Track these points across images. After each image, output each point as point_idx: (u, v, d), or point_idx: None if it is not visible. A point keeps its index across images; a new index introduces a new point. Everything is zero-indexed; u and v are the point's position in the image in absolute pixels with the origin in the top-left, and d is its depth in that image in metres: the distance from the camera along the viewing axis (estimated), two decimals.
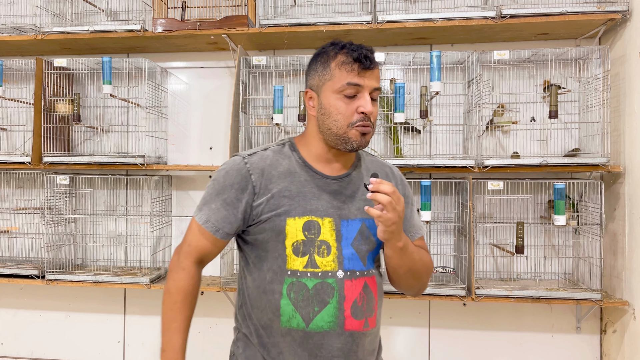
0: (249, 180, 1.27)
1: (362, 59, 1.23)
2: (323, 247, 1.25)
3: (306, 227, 1.25)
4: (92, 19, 2.62)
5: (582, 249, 2.27)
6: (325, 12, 2.47)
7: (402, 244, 1.23)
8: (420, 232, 1.40)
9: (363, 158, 1.40)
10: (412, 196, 1.42)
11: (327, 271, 1.24)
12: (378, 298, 1.31)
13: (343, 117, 1.23)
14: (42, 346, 2.68)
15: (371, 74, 1.25)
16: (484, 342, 2.41)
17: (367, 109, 1.22)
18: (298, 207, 1.26)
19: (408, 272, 1.29)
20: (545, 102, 2.34)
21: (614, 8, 2.08)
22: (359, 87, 1.23)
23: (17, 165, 2.40)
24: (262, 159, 1.30)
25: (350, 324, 1.23)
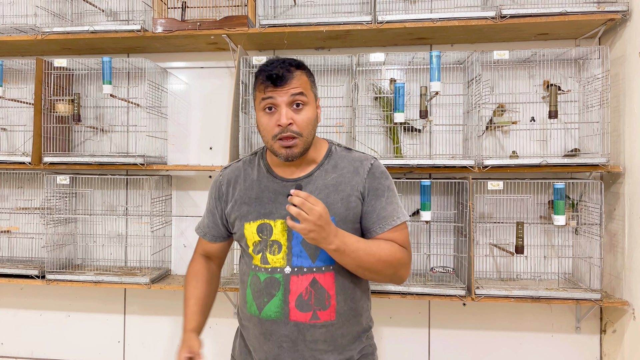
0: (221, 190, 1.52)
1: (272, 77, 1.34)
2: (275, 247, 1.40)
3: (259, 229, 1.42)
4: (92, 19, 2.63)
5: (581, 248, 2.28)
6: (325, 12, 2.47)
7: (334, 246, 1.28)
8: (390, 223, 1.40)
9: (332, 156, 1.47)
10: (387, 188, 1.43)
11: (276, 267, 1.39)
12: (336, 293, 1.38)
13: (266, 131, 1.38)
14: (42, 346, 2.68)
15: (283, 88, 1.34)
16: (484, 342, 2.42)
17: (282, 120, 1.33)
18: (253, 212, 1.43)
19: (358, 269, 1.35)
20: (545, 102, 2.34)
21: (613, 8, 2.08)
22: (273, 100, 1.35)
23: (17, 165, 2.40)
24: (233, 170, 1.53)
25: (294, 315, 1.36)
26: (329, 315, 1.37)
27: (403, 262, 1.39)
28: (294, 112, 1.36)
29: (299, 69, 1.39)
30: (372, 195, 1.41)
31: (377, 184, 1.42)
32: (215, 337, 2.58)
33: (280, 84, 1.34)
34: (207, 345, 2.58)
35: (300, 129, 1.36)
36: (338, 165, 1.45)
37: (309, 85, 1.41)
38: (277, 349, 1.39)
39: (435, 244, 2.41)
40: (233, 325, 2.57)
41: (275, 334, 1.38)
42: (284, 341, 1.38)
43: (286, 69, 1.36)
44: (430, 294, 2.14)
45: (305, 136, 1.38)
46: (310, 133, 1.39)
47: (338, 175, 1.43)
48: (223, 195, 1.51)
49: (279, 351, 1.39)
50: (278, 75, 1.34)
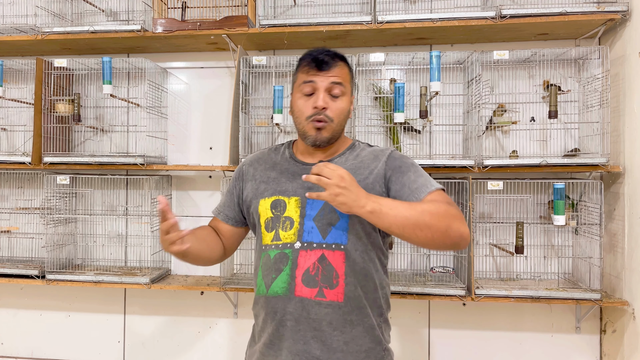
0: (242, 170, 1.57)
1: (317, 61, 1.40)
2: (287, 223, 1.40)
3: (273, 205, 1.43)
4: (92, 19, 2.63)
5: (581, 249, 2.28)
6: (325, 12, 2.47)
7: (369, 207, 1.22)
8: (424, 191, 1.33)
9: (355, 149, 1.50)
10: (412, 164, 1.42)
11: (287, 243, 1.38)
12: (346, 275, 1.34)
13: (301, 112, 1.43)
14: (42, 346, 2.68)
15: (326, 73, 1.40)
16: (484, 342, 2.42)
17: (319, 103, 1.38)
18: (270, 189, 1.46)
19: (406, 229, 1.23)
20: (545, 102, 2.34)
21: (613, 8, 2.08)
22: (314, 84, 1.41)
23: (17, 165, 2.40)
24: (257, 154, 1.59)
25: (300, 290, 1.34)
26: (336, 296, 1.33)
27: (453, 213, 1.28)
28: (330, 99, 1.41)
29: (343, 61, 1.45)
30: (397, 173, 1.39)
31: (399, 163, 1.42)
32: (215, 337, 2.58)
33: (323, 69, 1.40)
34: (207, 346, 2.58)
35: (333, 115, 1.41)
36: (359, 155, 1.48)
37: (349, 79, 1.46)
38: (282, 328, 1.35)
39: None
40: (233, 325, 2.58)
41: (280, 312, 1.35)
42: (287, 319, 1.34)
43: (331, 56, 1.42)
44: (430, 294, 2.14)
45: (336, 124, 1.42)
46: (340, 122, 1.44)
47: (358, 161, 1.45)
48: (243, 175, 1.55)
49: (283, 330, 1.35)
50: (323, 61, 1.40)
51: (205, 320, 2.58)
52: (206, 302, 2.58)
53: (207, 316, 2.58)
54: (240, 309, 2.55)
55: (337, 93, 1.41)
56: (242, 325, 2.56)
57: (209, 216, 2.56)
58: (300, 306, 1.33)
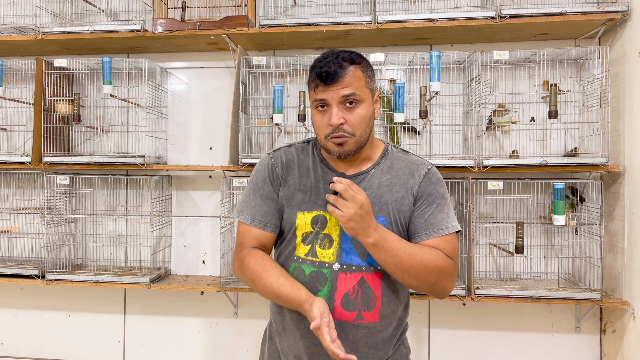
0: (275, 172, 1.41)
1: (322, 75, 1.28)
2: (325, 240, 1.34)
3: (314, 220, 1.35)
4: (92, 19, 2.63)
5: (581, 249, 2.28)
6: (325, 12, 2.47)
7: (373, 240, 1.22)
8: (438, 231, 1.32)
9: (389, 157, 1.41)
10: (442, 196, 1.36)
11: (325, 262, 1.33)
12: (382, 295, 1.33)
13: (319, 130, 1.33)
14: (42, 346, 2.68)
15: (335, 87, 1.28)
16: (484, 342, 2.42)
17: (333, 121, 1.28)
18: (309, 201, 1.36)
19: (397, 270, 1.26)
20: (545, 102, 2.34)
21: (613, 8, 2.08)
22: (325, 101, 1.30)
23: (17, 165, 2.40)
24: (285, 153, 1.44)
25: (339, 313, 1.30)
26: (373, 317, 1.33)
27: (447, 272, 1.29)
28: (346, 110, 1.29)
29: (354, 63, 1.31)
30: (425, 200, 1.35)
31: (432, 190, 1.36)
32: (215, 337, 2.58)
33: (331, 82, 1.28)
34: (207, 346, 2.58)
35: (352, 128, 1.30)
36: (394, 166, 1.39)
37: (364, 82, 1.32)
38: (314, 347, 1.33)
39: None
40: (233, 325, 2.58)
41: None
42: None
43: (339, 64, 1.28)
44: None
45: (359, 135, 1.31)
46: (364, 131, 1.32)
47: (393, 176, 1.37)
48: (278, 178, 1.41)
49: (315, 350, 1.33)
50: (329, 73, 1.27)
51: (205, 320, 2.58)
52: (206, 302, 2.58)
53: (207, 316, 2.58)
54: (240, 309, 2.55)
55: (352, 100, 1.29)
56: (242, 325, 2.56)
57: (209, 216, 2.59)
58: (339, 329, 1.29)
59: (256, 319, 2.55)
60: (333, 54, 1.32)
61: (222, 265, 2.30)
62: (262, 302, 2.54)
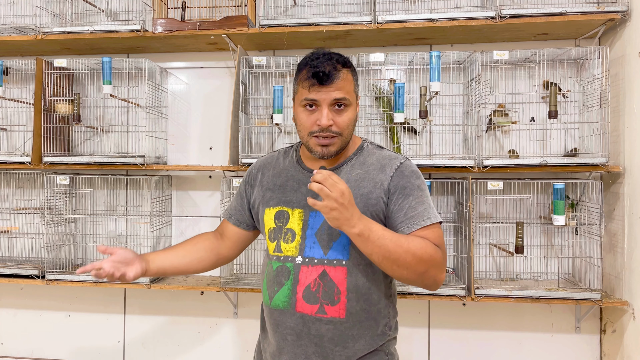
0: (251, 174, 1.54)
1: (318, 75, 1.28)
2: (289, 235, 1.38)
3: (277, 216, 1.41)
4: (92, 19, 2.63)
5: (581, 249, 2.28)
6: (325, 12, 2.47)
7: (357, 230, 1.20)
8: (419, 223, 1.30)
9: (362, 153, 1.43)
10: (418, 187, 1.35)
11: (288, 256, 1.37)
12: (348, 291, 1.32)
13: (304, 127, 1.35)
14: (42, 346, 2.68)
15: (329, 88, 1.30)
16: (484, 342, 2.42)
17: (322, 122, 1.30)
18: (275, 198, 1.43)
19: (385, 261, 1.23)
20: (545, 102, 2.34)
21: (613, 8, 2.08)
22: (316, 101, 1.31)
23: (17, 165, 2.40)
24: (267, 158, 1.55)
25: (301, 306, 1.33)
26: (338, 312, 1.32)
27: (436, 260, 1.27)
28: (335, 112, 1.32)
29: (345, 67, 1.33)
30: (400, 194, 1.33)
31: (406, 182, 1.34)
32: (215, 337, 2.58)
33: (326, 83, 1.29)
34: (207, 346, 2.58)
35: (340, 129, 1.33)
36: (366, 161, 1.40)
37: (353, 86, 1.36)
38: (282, 342, 1.36)
39: None
40: (233, 325, 2.58)
41: (282, 325, 1.36)
42: (288, 333, 1.35)
43: (333, 66, 1.30)
44: (430, 293, 2.14)
45: (345, 136, 1.34)
46: (349, 133, 1.36)
47: (363, 171, 1.38)
48: (252, 180, 1.52)
49: (284, 344, 1.36)
50: (325, 73, 1.28)
51: (205, 320, 2.58)
52: (206, 302, 2.58)
53: (207, 316, 2.58)
54: (240, 309, 2.55)
55: (342, 106, 1.32)
56: (242, 325, 2.56)
57: (208, 216, 2.59)
58: (301, 322, 1.33)
59: (256, 319, 2.55)
60: (325, 54, 1.32)
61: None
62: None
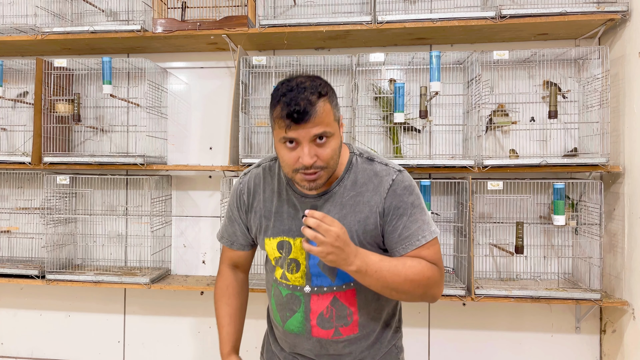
0: (242, 200, 1.44)
1: (293, 116, 1.18)
2: (293, 265, 1.36)
3: (279, 246, 1.37)
4: (92, 19, 2.63)
5: (581, 249, 2.28)
6: (325, 12, 2.47)
7: (355, 267, 1.19)
8: (414, 243, 1.29)
9: (353, 169, 1.36)
10: (411, 205, 1.31)
11: (297, 285, 1.37)
12: (359, 309, 1.36)
13: (287, 164, 1.25)
14: (42, 346, 2.69)
15: (306, 125, 1.19)
16: (484, 342, 2.42)
17: (305, 161, 1.20)
18: (273, 227, 1.38)
19: (384, 290, 1.24)
20: (545, 102, 2.34)
21: (613, 8, 2.08)
22: (296, 139, 1.21)
23: (17, 165, 2.40)
24: (253, 178, 1.45)
25: (317, 332, 1.36)
26: (352, 330, 1.36)
27: (433, 280, 1.28)
28: (317, 147, 1.22)
29: (322, 96, 1.22)
30: (394, 214, 1.30)
31: (399, 202, 1.30)
32: (215, 337, 2.58)
33: (302, 122, 1.19)
34: (207, 346, 2.58)
35: (324, 162, 1.24)
36: (358, 181, 1.34)
37: (332, 113, 1.25)
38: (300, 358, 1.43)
39: None
40: None
41: (299, 346, 1.40)
42: (307, 353, 1.40)
43: (308, 101, 1.19)
44: None
45: (331, 167, 1.26)
46: (335, 163, 1.27)
47: (357, 193, 1.33)
48: (244, 206, 1.43)
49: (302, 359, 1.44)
50: (299, 112, 1.18)
51: (205, 320, 2.58)
52: (206, 302, 2.58)
53: (207, 316, 2.58)
54: None
55: (323, 138, 1.23)
56: None
57: (208, 216, 2.59)
58: (319, 345, 1.37)
59: (256, 319, 2.55)
60: (298, 86, 1.21)
61: None
62: (262, 302, 2.53)
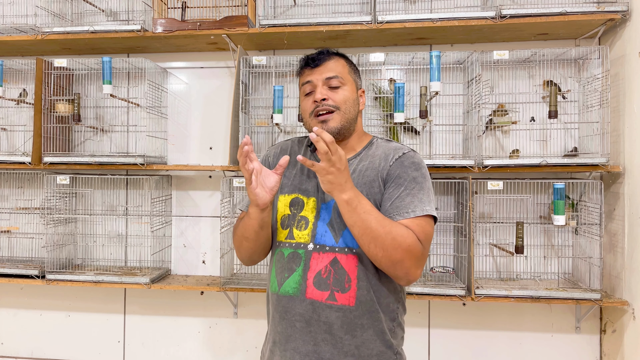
0: (267, 162, 1.54)
1: (308, 61, 1.44)
2: (302, 222, 1.40)
3: (292, 203, 1.43)
4: (92, 19, 2.63)
5: (581, 249, 2.28)
6: (325, 12, 2.47)
7: (347, 196, 1.24)
8: (403, 214, 1.31)
9: (372, 147, 1.46)
10: (413, 179, 1.35)
11: (300, 243, 1.38)
12: (358, 279, 1.33)
13: (305, 112, 1.44)
14: (42, 346, 2.68)
15: (319, 69, 1.42)
16: (484, 342, 2.42)
17: (316, 96, 1.39)
18: (291, 185, 1.45)
19: (363, 236, 1.25)
20: (545, 102, 2.34)
21: (613, 8, 2.08)
22: (311, 83, 1.42)
23: (17, 165, 2.40)
24: (281, 146, 1.57)
25: (311, 292, 1.34)
26: (348, 300, 1.32)
27: (414, 252, 1.26)
28: (330, 91, 1.40)
29: (338, 55, 1.46)
30: (393, 182, 1.35)
31: (402, 172, 1.36)
32: (215, 337, 2.58)
33: (315, 65, 1.42)
34: (207, 346, 2.58)
35: (336, 103, 1.39)
36: (374, 154, 1.43)
37: (347, 70, 1.45)
38: (290, 329, 1.36)
39: (435, 244, 2.41)
40: (233, 325, 2.58)
41: (291, 312, 1.35)
42: (297, 320, 1.35)
43: (323, 53, 1.44)
44: (430, 293, 2.14)
45: (344, 110, 1.40)
46: (349, 109, 1.41)
47: (369, 162, 1.41)
48: (268, 166, 1.51)
49: (292, 331, 1.36)
50: (313, 59, 1.43)
51: (205, 320, 2.58)
52: (206, 302, 2.58)
53: (207, 316, 2.58)
54: (240, 309, 2.55)
55: (335, 84, 1.40)
56: (242, 325, 2.56)
57: (208, 216, 2.59)
58: (311, 308, 1.33)
59: (256, 319, 2.55)
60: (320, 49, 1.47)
61: (222, 265, 2.30)
62: (262, 302, 2.54)
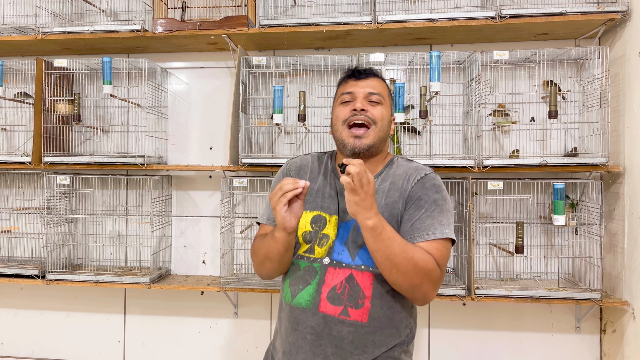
0: (289, 174, 1.54)
1: (355, 72, 1.45)
2: (324, 240, 1.40)
3: (314, 220, 1.43)
4: (92, 19, 2.63)
5: (581, 249, 2.28)
6: (325, 12, 2.47)
7: (372, 223, 1.23)
8: (423, 236, 1.32)
9: (393, 166, 1.47)
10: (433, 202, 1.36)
11: (317, 257, 1.39)
12: (373, 296, 1.33)
13: (338, 118, 1.43)
14: (42, 346, 2.69)
15: (363, 82, 1.43)
16: (484, 342, 2.42)
17: (357, 105, 1.39)
18: (313, 202, 1.45)
19: (386, 262, 1.25)
20: (545, 102, 2.34)
21: (613, 8, 2.08)
22: (352, 94, 1.42)
23: (17, 165, 2.40)
24: (301, 160, 1.57)
25: (324, 306, 1.34)
26: (361, 316, 1.32)
27: (432, 276, 1.28)
28: (369, 105, 1.41)
29: (381, 78, 1.49)
30: (414, 204, 1.36)
31: (423, 194, 1.37)
32: (215, 337, 2.58)
33: (361, 78, 1.43)
34: (207, 346, 2.58)
35: (374, 117, 1.40)
36: (395, 173, 1.44)
37: (387, 93, 1.47)
38: (301, 340, 1.35)
39: None
40: (233, 325, 2.58)
41: (302, 324, 1.35)
42: (308, 332, 1.34)
43: (369, 70, 1.47)
44: None
45: (379, 128, 1.41)
46: (384, 127, 1.43)
47: (391, 182, 1.42)
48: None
49: (302, 343, 1.35)
50: (360, 71, 1.45)
51: (205, 320, 2.58)
52: (206, 302, 2.58)
53: (207, 316, 2.58)
54: (240, 309, 2.56)
55: (376, 100, 1.41)
56: (242, 325, 2.56)
57: (209, 216, 2.59)
58: (323, 322, 1.33)
59: (256, 319, 2.55)
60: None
61: (222, 265, 2.30)
62: (262, 302, 2.54)
